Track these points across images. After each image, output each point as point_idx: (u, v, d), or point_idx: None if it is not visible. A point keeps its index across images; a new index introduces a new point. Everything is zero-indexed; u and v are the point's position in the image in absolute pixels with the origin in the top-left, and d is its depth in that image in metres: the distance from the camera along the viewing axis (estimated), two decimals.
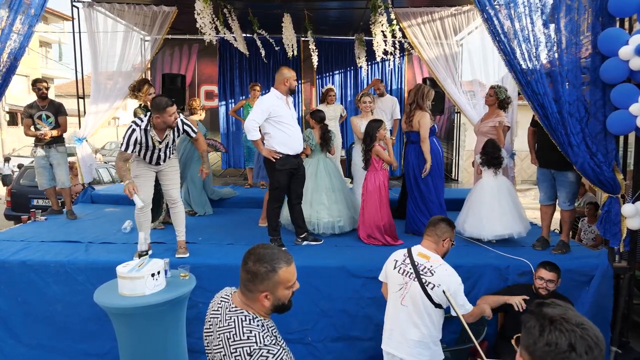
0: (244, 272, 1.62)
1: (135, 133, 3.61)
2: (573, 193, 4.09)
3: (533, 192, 15.15)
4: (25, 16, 3.78)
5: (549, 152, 3.97)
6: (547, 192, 4.23)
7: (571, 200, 4.09)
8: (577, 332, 1.05)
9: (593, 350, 1.04)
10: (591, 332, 1.06)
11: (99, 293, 3.00)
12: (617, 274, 3.79)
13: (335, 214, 4.70)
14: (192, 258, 3.80)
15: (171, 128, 3.73)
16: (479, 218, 4.31)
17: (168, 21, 6.25)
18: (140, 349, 2.94)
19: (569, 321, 1.08)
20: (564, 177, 4.02)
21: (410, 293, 2.70)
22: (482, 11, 3.57)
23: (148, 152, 3.75)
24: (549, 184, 4.20)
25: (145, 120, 3.65)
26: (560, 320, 1.09)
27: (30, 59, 23.63)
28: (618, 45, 3.35)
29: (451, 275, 2.65)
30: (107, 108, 6.12)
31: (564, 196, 4.08)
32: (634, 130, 3.49)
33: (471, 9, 6.03)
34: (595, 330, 1.08)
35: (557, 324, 1.08)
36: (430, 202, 4.67)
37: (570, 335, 1.05)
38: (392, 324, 2.81)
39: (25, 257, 3.75)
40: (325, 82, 8.94)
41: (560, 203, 4.13)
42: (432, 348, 2.73)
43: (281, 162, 4.04)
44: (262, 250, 1.63)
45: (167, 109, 3.56)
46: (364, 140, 4.44)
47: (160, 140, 3.71)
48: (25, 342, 3.66)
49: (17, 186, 8.40)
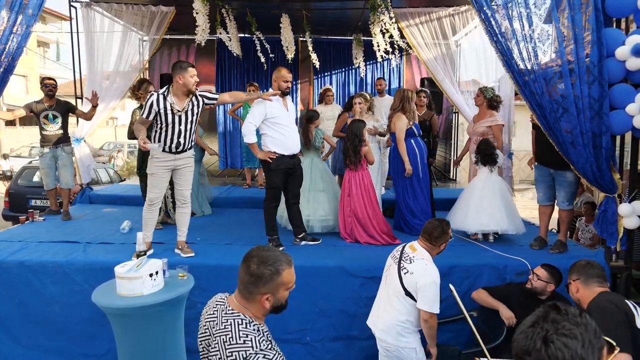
0: (245, 275, 1.61)
1: (152, 97, 3.60)
2: (572, 193, 4.09)
3: (531, 191, 15.18)
4: (24, 16, 3.77)
5: (548, 151, 3.96)
6: (545, 192, 4.22)
7: (570, 200, 4.10)
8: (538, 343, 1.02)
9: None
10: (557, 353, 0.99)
11: (97, 293, 2.99)
12: (614, 273, 3.80)
13: (321, 213, 4.74)
14: (191, 258, 3.79)
15: (191, 93, 3.68)
16: (465, 212, 4.38)
17: (166, 21, 6.25)
18: (138, 349, 2.94)
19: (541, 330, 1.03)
20: (563, 177, 4.02)
21: (390, 275, 2.98)
22: (480, 11, 3.58)
23: (169, 127, 3.66)
24: (548, 184, 4.19)
25: (165, 88, 3.67)
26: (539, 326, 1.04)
27: (28, 59, 23.59)
28: (615, 45, 3.37)
29: (428, 270, 2.82)
30: (104, 108, 6.10)
31: (563, 196, 4.08)
32: (631, 129, 3.51)
33: (469, 9, 6.05)
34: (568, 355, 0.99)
35: (534, 328, 1.05)
36: (410, 199, 4.80)
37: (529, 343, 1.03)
38: (376, 301, 3.15)
39: (23, 258, 3.74)
40: (323, 83, 8.94)
41: (559, 203, 4.14)
42: (403, 335, 2.87)
43: (277, 162, 4.05)
44: (264, 252, 1.63)
45: (189, 68, 3.59)
46: (351, 140, 4.42)
47: (179, 109, 3.66)
48: (24, 344, 3.65)
49: (15, 186, 8.38)
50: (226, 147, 9.03)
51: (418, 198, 4.78)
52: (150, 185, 3.84)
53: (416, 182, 4.77)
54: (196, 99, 3.74)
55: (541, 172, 4.21)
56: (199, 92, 3.77)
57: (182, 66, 3.60)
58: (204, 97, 3.81)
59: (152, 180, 3.80)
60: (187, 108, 3.70)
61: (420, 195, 4.79)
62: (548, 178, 4.17)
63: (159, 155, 3.74)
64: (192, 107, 3.74)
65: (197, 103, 3.76)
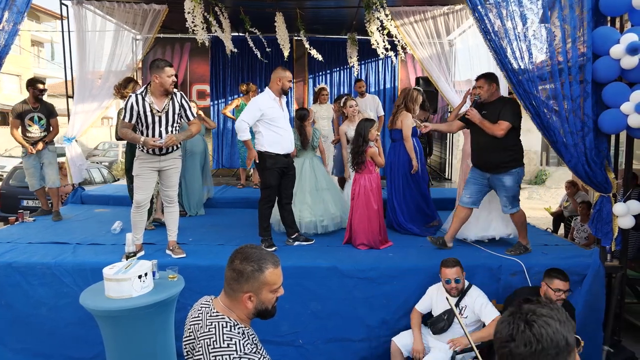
0: (229, 271, 1.60)
1: (131, 99, 3.55)
2: (513, 196, 3.89)
3: (526, 191, 15.22)
4: (10, 13, 3.70)
5: (486, 153, 3.87)
6: (472, 195, 4.01)
7: (512, 204, 3.89)
8: (521, 325, 1.09)
9: (532, 345, 1.06)
10: (541, 330, 1.07)
11: (85, 295, 2.94)
12: (609, 273, 3.79)
13: (319, 213, 4.68)
14: (182, 259, 3.74)
15: (169, 94, 3.61)
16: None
17: (159, 20, 6.18)
18: (127, 353, 2.89)
19: (523, 315, 1.11)
20: (501, 182, 3.85)
21: None
22: (474, 10, 3.55)
23: (150, 129, 3.60)
24: (478, 188, 4.00)
25: (142, 88, 3.60)
26: (518, 314, 1.12)
27: (23, 58, 23.45)
28: (609, 44, 3.34)
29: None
30: (96, 107, 6.04)
31: (504, 200, 3.91)
32: (626, 129, 3.49)
33: (464, 8, 6.01)
34: (553, 330, 1.08)
35: (514, 316, 1.12)
36: (406, 198, 4.81)
37: (512, 327, 1.10)
38: None
39: (11, 259, 3.67)
40: (318, 82, 8.91)
41: (502, 208, 3.96)
42: None
43: (271, 161, 4.03)
44: (249, 249, 1.62)
45: (165, 68, 3.50)
46: (356, 140, 4.28)
47: (159, 109, 3.59)
48: (11, 347, 3.59)
49: (7, 187, 8.30)
50: (220, 147, 8.98)
51: (406, 197, 4.79)
52: (136, 187, 3.77)
53: (411, 181, 4.79)
54: (175, 100, 3.65)
55: (476, 174, 4.03)
56: (184, 97, 3.71)
57: (159, 65, 3.51)
58: (183, 107, 3.69)
59: (137, 182, 3.73)
60: (167, 108, 3.62)
61: (413, 195, 4.78)
62: (482, 182, 3.99)
63: (144, 157, 3.69)
64: (173, 107, 3.65)
65: (176, 104, 3.66)
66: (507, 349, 1.09)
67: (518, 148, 3.90)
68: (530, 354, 1.06)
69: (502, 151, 3.81)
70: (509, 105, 3.82)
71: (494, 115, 3.81)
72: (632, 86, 3.41)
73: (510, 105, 3.83)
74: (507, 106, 3.82)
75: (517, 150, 3.89)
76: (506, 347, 1.10)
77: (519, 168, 3.88)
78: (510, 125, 3.75)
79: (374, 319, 3.66)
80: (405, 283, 3.67)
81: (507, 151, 3.82)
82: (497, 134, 3.76)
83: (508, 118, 3.75)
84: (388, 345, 3.50)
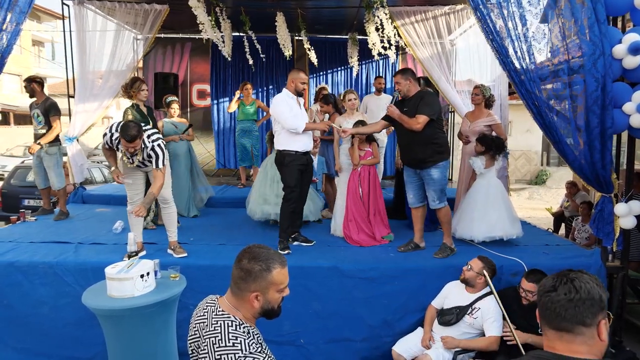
0: (237, 270, 1.61)
1: (106, 137, 3.66)
2: (441, 190, 3.90)
3: (527, 191, 15.22)
4: (13, 14, 3.71)
5: (411, 150, 3.87)
6: (415, 193, 4.03)
7: (440, 198, 3.90)
8: (564, 279, 1.26)
9: (571, 293, 1.22)
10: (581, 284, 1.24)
11: (87, 295, 2.95)
12: (610, 273, 3.79)
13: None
14: (183, 259, 3.75)
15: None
16: (470, 220, 4.30)
17: (160, 19, 6.18)
18: (129, 352, 2.89)
19: (566, 275, 1.27)
20: (429, 176, 3.86)
21: None
22: (476, 10, 3.55)
23: (125, 156, 3.73)
24: (416, 185, 4.02)
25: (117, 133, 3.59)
26: (562, 274, 1.28)
27: (23, 58, 23.43)
28: (611, 43, 3.34)
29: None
30: (97, 107, 6.04)
31: (432, 194, 3.90)
32: (627, 129, 3.49)
33: (465, 7, 6.01)
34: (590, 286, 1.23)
35: (558, 274, 1.28)
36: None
37: (556, 280, 1.27)
38: None
39: (13, 259, 3.68)
40: (319, 81, 8.91)
41: (430, 202, 3.95)
42: None
43: (290, 159, 4.06)
44: (257, 249, 1.64)
45: (124, 140, 3.45)
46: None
47: (130, 156, 3.68)
48: (12, 346, 3.59)
49: (8, 186, 8.30)
50: (220, 147, 8.98)
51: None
52: (126, 185, 3.87)
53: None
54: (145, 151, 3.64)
55: (408, 172, 4.05)
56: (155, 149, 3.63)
57: (124, 132, 3.42)
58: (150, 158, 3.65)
59: (126, 181, 3.83)
60: (139, 157, 3.69)
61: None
62: (415, 178, 4.00)
63: (126, 161, 3.77)
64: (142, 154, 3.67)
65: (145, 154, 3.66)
66: (548, 297, 1.25)
67: (441, 141, 3.88)
68: (568, 301, 1.22)
69: (424, 146, 3.78)
70: (425, 98, 3.78)
71: (413, 110, 3.78)
72: (634, 86, 3.41)
73: (427, 97, 3.80)
74: (423, 99, 3.77)
75: (441, 143, 3.87)
76: (547, 297, 1.25)
77: (445, 162, 3.87)
78: (428, 118, 3.70)
79: (375, 319, 3.67)
80: (406, 283, 3.67)
81: (430, 145, 3.79)
82: (414, 128, 3.72)
83: (424, 111, 3.70)
84: (389, 345, 3.51)
